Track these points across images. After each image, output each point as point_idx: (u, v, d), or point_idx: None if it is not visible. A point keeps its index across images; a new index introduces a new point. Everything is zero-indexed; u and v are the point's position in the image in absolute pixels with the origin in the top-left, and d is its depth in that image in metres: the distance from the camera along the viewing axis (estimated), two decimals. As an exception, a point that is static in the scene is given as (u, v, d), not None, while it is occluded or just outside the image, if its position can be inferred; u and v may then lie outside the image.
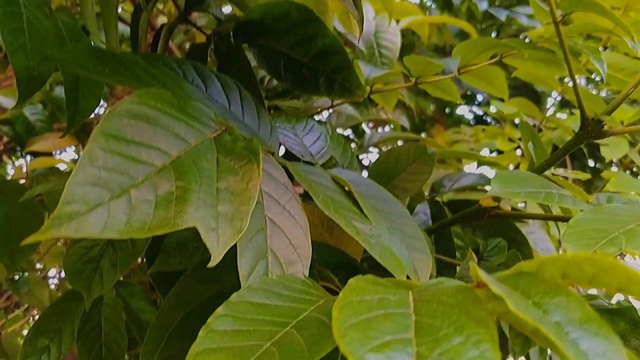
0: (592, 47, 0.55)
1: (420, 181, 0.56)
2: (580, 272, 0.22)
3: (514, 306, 0.21)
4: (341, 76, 0.50)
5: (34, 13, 0.35)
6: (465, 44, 0.60)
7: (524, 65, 0.63)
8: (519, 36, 2.93)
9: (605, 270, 0.21)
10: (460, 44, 0.61)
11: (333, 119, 0.90)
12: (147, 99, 0.30)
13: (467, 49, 0.61)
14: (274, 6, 0.52)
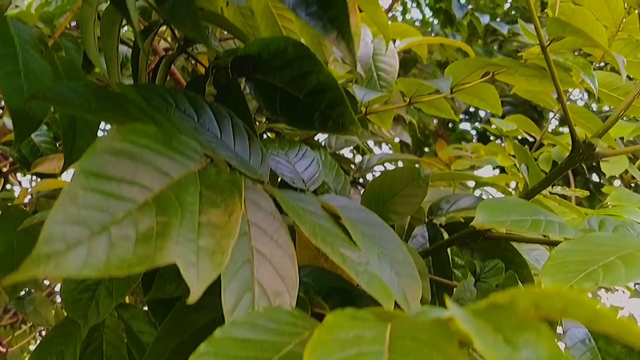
0: (583, 63, 0.55)
1: (414, 204, 0.57)
2: (551, 305, 0.22)
3: (481, 344, 0.21)
4: (335, 112, 0.51)
5: (30, 53, 0.36)
6: (456, 64, 0.61)
7: (516, 82, 0.64)
8: (520, 52, 2.93)
9: (573, 304, 0.21)
10: (452, 64, 0.62)
11: (332, 141, 0.91)
12: (130, 135, 0.30)
13: (458, 69, 0.61)
14: (270, 42, 0.53)
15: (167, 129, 0.37)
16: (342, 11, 0.45)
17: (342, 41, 0.45)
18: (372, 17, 0.86)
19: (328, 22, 0.45)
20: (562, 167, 0.51)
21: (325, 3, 0.45)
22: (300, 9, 0.45)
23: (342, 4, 0.45)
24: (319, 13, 0.45)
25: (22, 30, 0.38)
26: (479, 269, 0.70)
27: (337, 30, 0.45)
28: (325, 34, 0.45)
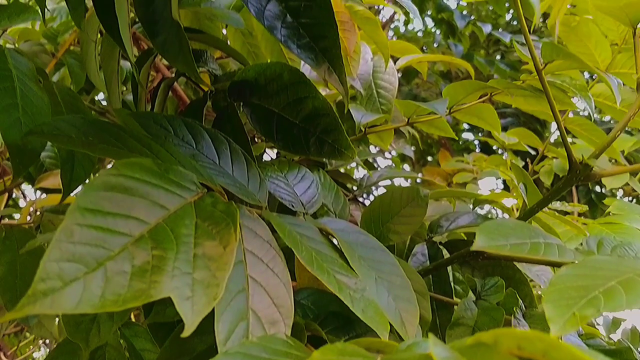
0: (580, 85, 0.56)
1: (413, 224, 0.57)
2: (533, 348, 0.23)
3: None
4: (331, 137, 0.51)
5: (27, 85, 0.36)
6: (453, 86, 0.62)
7: (515, 102, 0.64)
8: (522, 62, 2.94)
9: (554, 348, 0.21)
10: (449, 86, 0.62)
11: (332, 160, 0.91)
12: (126, 169, 0.31)
13: (455, 91, 0.62)
14: (266, 67, 0.54)
15: (163, 159, 0.37)
16: (334, 43, 0.45)
17: (333, 73, 0.46)
18: (371, 36, 0.86)
19: (320, 53, 0.46)
20: (560, 187, 0.51)
21: (317, 35, 0.45)
22: (291, 41, 0.45)
23: (334, 35, 0.45)
24: (310, 45, 0.45)
25: (20, 62, 0.39)
26: (479, 286, 0.70)
27: (329, 62, 0.46)
28: (317, 67, 0.45)
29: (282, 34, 0.46)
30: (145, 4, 0.46)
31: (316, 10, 0.46)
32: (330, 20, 0.46)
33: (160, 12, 0.46)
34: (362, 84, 0.94)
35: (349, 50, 0.87)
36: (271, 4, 0.46)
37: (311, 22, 0.46)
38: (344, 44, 0.86)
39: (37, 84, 0.39)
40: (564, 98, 0.59)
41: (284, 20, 0.46)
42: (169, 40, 0.46)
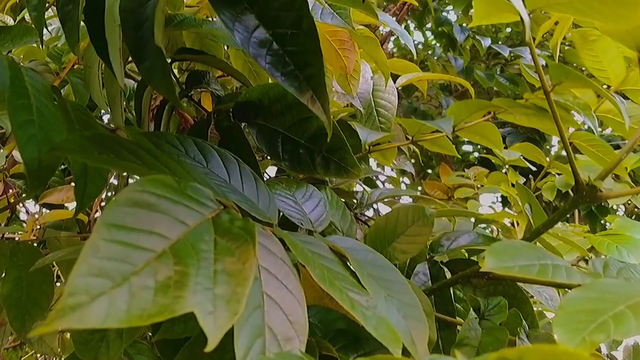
0: (584, 104, 0.57)
1: (419, 243, 0.57)
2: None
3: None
4: (337, 156, 0.52)
5: (43, 102, 0.37)
6: (457, 105, 0.63)
7: (518, 120, 0.65)
8: (522, 75, 2.97)
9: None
10: (453, 105, 0.63)
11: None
12: (148, 186, 0.31)
13: (459, 110, 0.63)
14: (270, 88, 0.54)
15: (180, 176, 0.38)
16: (319, 71, 0.46)
17: (316, 101, 0.46)
18: (371, 55, 0.87)
19: (304, 81, 0.46)
20: (566, 209, 0.52)
21: (303, 63, 0.46)
22: (275, 69, 0.46)
23: (318, 63, 0.46)
24: (294, 73, 0.46)
25: (36, 79, 0.39)
26: (482, 306, 0.70)
27: (312, 90, 0.46)
28: (300, 94, 0.46)
29: (267, 61, 0.46)
30: (132, 30, 0.47)
31: (302, 38, 0.47)
32: (316, 48, 0.46)
33: (146, 39, 0.46)
34: (361, 102, 0.96)
35: (349, 69, 0.88)
36: (258, 31, 0.47)
37: (297, 49, 0.46)
38: (344, 62, 0.87)
39: (51, 101, 0.39)
40: (567, 117, 0.60)
41: (270, 47, 0.47)
42: (154, 67, 0.46)
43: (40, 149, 0.36)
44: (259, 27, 0.47)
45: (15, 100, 0.36)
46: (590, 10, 0.43)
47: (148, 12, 0.47)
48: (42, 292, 0.56)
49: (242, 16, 0.48)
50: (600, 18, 0.47)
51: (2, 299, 0.54)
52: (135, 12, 0.47)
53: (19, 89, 0.37)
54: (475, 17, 0.58)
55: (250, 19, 0.48)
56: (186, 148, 0.48)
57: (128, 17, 0.47)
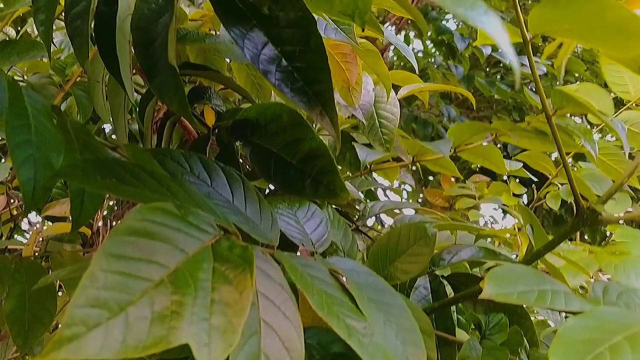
0: (584, 129, 0.57)
1: (421, 263, 0.57)
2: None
3: None
4: (326, 179, 0.53)
5: (42, 122, 0.37)
6: (459, 127, 0.63)
7: (519, 143, 0.65)
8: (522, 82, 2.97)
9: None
10: (453, 127, 0.64)
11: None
12: (149, 214, 0.31)
13: (461, 131, 0.63)
14: (267, 107, 0.55)
15: (182, 200, 0.38)
16: (327, 87, 0.47)
17: (325, 116, 0.47)
18: (372, 68, 0.88)
19: (313, 97, 0.47)
20: (567, 231, 0.52)
21: (311, 79, 0.47)
22: (285, 85, 0.47)
23: (327, 79, 0.47)
24: (303, 89, 0.47)
25: (36, 100, 0.40)
26: (483, 324, 0.70)
27: (321, 106, 0.47)
28: (309, 110, 0.46)
29: (276, 77, 0.47)
30: (143, 47, 0.48)
31: (310, 55, 0.47)
32: (324, 65, 0.47)
33: (157, 56, 0.47)
34: (364, 114, 0.96)
35: (351, 82, 0.88)
36: (267, 47, 0.48)
37: (305, 66, 0.47)
38: (346, 75, 0.87)
39: (51, 122, 0.40)
40: (569, 141, 0.60)
41: (279, 64, 0.48)
42: (165, 83, 0.47)
43: (36, 170, 0.36)
44: (268, 44, 0.48)
45: (13, 121, 0.36)
46: (593, 38, 0.43)
47: (159, 29, 0.48)
48: (45, 308, 0.56)
49: (251, 33, 0.48)
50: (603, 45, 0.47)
51: (5, 316, 0.54)
52: (147, 30, 0.48)
53: (18, 109, 0.38)
54: (479, 36, 0.59)
55: (260, 36, 0.48)
56: (191, 166, 0.49)
57: (139, 34, 0.48)
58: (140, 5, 0.49)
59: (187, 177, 0.47)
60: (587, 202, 0.51)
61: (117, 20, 0.48)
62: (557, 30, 0.46)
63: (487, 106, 3.53)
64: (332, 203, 0.72)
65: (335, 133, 0.48)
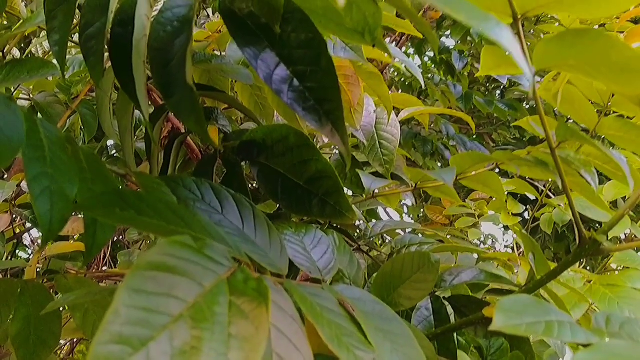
0: (584, 161, 0.58)
1: (425, 290, 0.58)
2: None
3: None
4: (333, 199, 0.54)
5: (56, 153, 0.38)
6: (461, 156, 0.64)
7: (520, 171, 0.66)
8: (522, 101, 3.00)
9: None
10: (456, 156, 0.65)
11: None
12: (168, 249, 0.32)
13: (463, 160, 0.65)
14: (274, 129, 0.56)
15: (197, 231, 0.39)
16: (337, 106, 0.48)
17: (336, 134, 0.48)
18: (374, 90, 0.90)
19: (324, 115, 0.48)
20: (569, 261, 0.53)
21: (322, 98, 0.48)
22: (297, 104, 0.48)
23: (337, 99, 0.48)
24: (315, 108, 0.48)
25: (50, 131, 0.40)
26: (484, 348, 0.71)
27: (332, 124, 0.48)
28: (321, 128, 0.48)
29: (289, 97, 0.48)
30: (160, 67, 0.49)
31: (321, 75, 0.49)
32: (334, 85, 0.49)
33: (174, 75, 0.48)
34: (365, 135, 0.97)
35: (353, 103, 0.90)
36: (279, 68, 0.49)
37: (316, 86, 0.48)
38: (348, 96, 0.89)
39: (65, 152, 0.40)
40: (569, 170, 0.61)
41: (291, 84, 0.49)
42: (183, 101, 0.48)
43: (53, 202, 0.36)
44: (280, 65, 0.49)
45: (31, 153, 0.37)
46: (598, 75, 0.45)
47: (175, 50, 0.49)
48: (51, 331, 0.56)
49: (264, 54, 0.49)
50: (608, 82, 0.48)
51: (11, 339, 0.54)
52: (163, 51, 0.49)
53: (34, 142, 0.38)
54: (482, 67, 0.60)
55: (272, 57, 0.49)
56: (203, 193, 0.49)
57: (156, 55, 0.49)
58: (156, 27, 0.50)
59: (199, 204, 0.47)
60: (589, 232, 0.52)
61: (134, 41, 0.48)
62: (562, 66, 0.47)
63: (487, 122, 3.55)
64: (338, 223, 0.72)
65: (346, 150, 0.49)
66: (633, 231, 1.68)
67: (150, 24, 0.50)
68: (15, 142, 0.35)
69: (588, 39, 0.42)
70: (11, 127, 0.36)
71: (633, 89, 0.43)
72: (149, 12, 0.47)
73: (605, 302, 0.97)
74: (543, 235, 3.09)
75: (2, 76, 0.61)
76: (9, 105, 0.37)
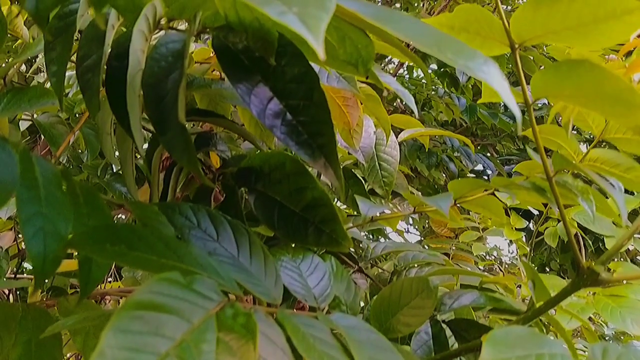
0: (582, 187, 0.57)
1: (423, 315, 0.58)
2: None
3: None
4: (329, 227, 0.54)
5: (52, 192, 0.38)
6: (459, 183, 0.65)
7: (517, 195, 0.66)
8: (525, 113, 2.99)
9: None
10: (454, 182, 0.65)
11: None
12: (156, 286, 0.32)
13: (461, 186, 0.65)
14: (271, 156, 0.57)
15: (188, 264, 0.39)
16: (330, 140, 0.48)
17: (329, 168, 0.48)
18: (373, 112, 0.90)
19: (317, 149, 0.48)
20: (568, 290, 0.52)
21: (315, 133, 0.48)
22: (290, 138, 0.48)
23: (330, 133, 0.48)
24: (308, 142, 0.48)
25: (46, 169, 0.40)
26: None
27: (325, 158, 0.48)
28: (313, 162, 0.48)
29: (282, 131, 0.48)
30: (154, 103, 0.49)
31: (314, 110, 0.49)
32: (327, 119, 0.49)
33: (167, 112, 0.48)
34: (364, 156, 0.98)
35: (352, 124, 0.90)
36: (272, 102, 0.49)
37: (309, 120, 0.49)
38: (348, 118, 0.89)
39: (60, 189, 0.39)
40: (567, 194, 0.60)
41: (284, 118, 0.49)
42: (175, 140, 0.48)
43: (46, 243, 0.36)
44: (273, 99, 0.49)
45: (24, 194, 0.36)
46: (593, 105, 0.45)
47: (169, 86, 0.49)
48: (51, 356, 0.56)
49: (257, 89, 0.50)
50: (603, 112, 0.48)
51: (12, 364, 0.54)
52: (157, 87, 0.49)
53: (28, 182, 0.38)
54: (483, 95, 0.60)
55: (265, 91, 0.50)
56: (199, 220, 0.50)
57: (149, 91, 0.49)
58: (150, 63, 0.50)
59: (195, 232, 0.48)
60: (588, 261, 0.52)
61: (128, 76, 0.49)
62: (559, 95, 0.47)
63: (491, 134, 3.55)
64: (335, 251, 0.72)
65: (339, 185, 0.50)
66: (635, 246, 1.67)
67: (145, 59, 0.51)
68: (8, 184, 0.35)
69: (583, 70, 0.42)
70: (4, 168, 0.36)
71: (627, 120, 0.43)
72: (144, 46, 0.48)
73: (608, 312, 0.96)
74: (548, 246, 3.08)
75: (3, 105, 0.61)
76: (3, 146, 0.37)
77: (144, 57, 0.51)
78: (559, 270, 3.61)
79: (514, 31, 0.49)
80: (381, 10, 0.35)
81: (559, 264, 3.48)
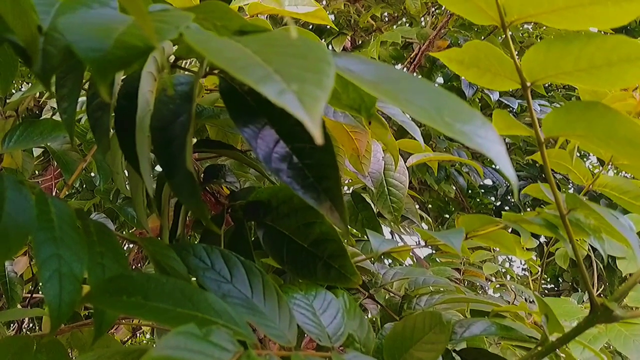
0: (594, 226, 0.57)
1: (436, 351, 0.57)
2: None
3: None
4: (337, 263, 0.54)
5: (67, 232, 0.38)
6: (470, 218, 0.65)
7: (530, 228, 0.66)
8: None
9: None
10: (465, 217, 0.66)
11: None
12: (174, 340, 0.32)
13: (472, 222, 0.65)
14: (279, 190, 0.57)
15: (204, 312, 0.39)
16: (335, 183, 0.48)
17: (335, 211, 0.48)
18: (381, 139, 0.90)
19: (322, 193, 0.48)
20: (581, 327, 0.52)
21: (321, 176, 0.48)
22: (296, 182, 0.48)
23: (335, 176, 0.48)
24: (314, 185, 0.48)
25: (61, 209, 0.40)
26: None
27: (330, 201, 0.48)
28: (319, 205, 0.48)
29: (288, 175, 0.48)
30: (162, 146, 0.49)
31: (319, 153, 0.49)
32: (333, 162, 0.49)
33: (175, 157, 0.48)
34: (373, 182, 0.98)
35: (360, 151, 0.90)
36: (278, 145, 0.49)
37: (315, 163, 0.49)
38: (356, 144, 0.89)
39: (75, 230, 0.40)
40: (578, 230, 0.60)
41: (290, 161, 0.49)
42: (183, 185, 0.48)
43: (62, 285, 0.36)
44: (280, 142, 0.50)
45: (41, 237, 0.37)
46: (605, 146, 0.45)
47: (177, 130, 0.49)
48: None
49: (263, 132, 0.50)
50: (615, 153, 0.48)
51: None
52: (165, 130, 0.49)
53: (44, 224, 0.38)
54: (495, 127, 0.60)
55: (271, 134, 0.50)
56: (213, 261, 0.50)
57: (157, 134, 0.49)
58: (159, 106, 0.50)
59: (209, 274, 0.48)
60: (601, 298, 0.52)
61: (137, 118, 0.49)
62: (571, 135, 0.48)
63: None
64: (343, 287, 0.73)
65: (345, 228, 0.49)
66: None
67: (154, 100, 0.51)
68: (25, 227, 0.36)
69: (596, 113, 0.42)
70: (22, 212, 0.36)
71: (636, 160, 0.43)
72: (152, 87, 0.48)
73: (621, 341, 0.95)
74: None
75: (16, 137, 0.62)
76: (20, 189, 0.37)
77: (153, 97, 0.51)
78: (571, 283, 3.60)
79: (525, 70, 0.49)
80: (380, 70, 0.35)
81: (572, 276, 3.47)
